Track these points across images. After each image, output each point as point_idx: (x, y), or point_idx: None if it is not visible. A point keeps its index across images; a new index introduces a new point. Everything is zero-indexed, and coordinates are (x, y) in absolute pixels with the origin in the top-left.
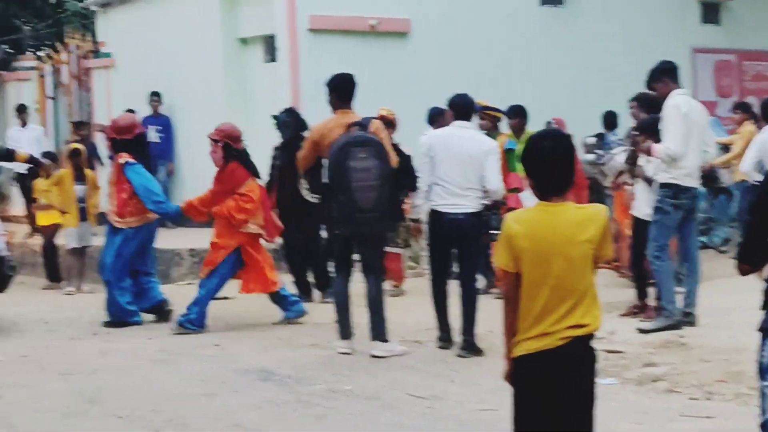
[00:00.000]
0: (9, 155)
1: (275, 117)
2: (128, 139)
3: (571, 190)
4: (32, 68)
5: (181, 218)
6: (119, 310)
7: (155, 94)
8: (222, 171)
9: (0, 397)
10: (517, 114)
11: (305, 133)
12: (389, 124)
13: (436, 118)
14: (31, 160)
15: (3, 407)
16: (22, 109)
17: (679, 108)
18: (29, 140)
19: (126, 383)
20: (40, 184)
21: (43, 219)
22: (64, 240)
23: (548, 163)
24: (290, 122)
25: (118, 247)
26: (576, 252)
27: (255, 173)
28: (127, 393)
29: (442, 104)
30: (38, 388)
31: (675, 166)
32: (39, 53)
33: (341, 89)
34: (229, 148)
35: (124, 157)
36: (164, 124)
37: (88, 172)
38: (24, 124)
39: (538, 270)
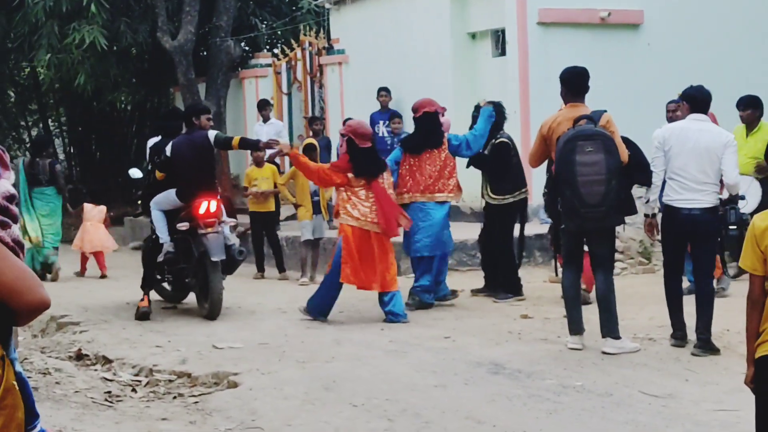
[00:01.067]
0: (227, 142)
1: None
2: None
3: None
4: (268, 65)
5: None
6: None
7: (384, 90)
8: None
9: (241, 384)
10: (750, 105)
11: (501, 133)
12: None
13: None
14: (243, 142)
15: (244, 393)
16: (263, 105)
17: None
18: (269, 135)
19: (360, 372)
20: (251, 172)
21: (253, 206)
22: (299, 232)
23: None
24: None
25: None
26: None
27: (365, 173)
28: (361, 382)
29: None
30: (278, 375)
31: None
32: (275, 51)
33: (572, 82)
34: (352, 143)
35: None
36: (388, 115)
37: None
38: (266, 120)
39: None
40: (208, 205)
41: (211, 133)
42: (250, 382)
